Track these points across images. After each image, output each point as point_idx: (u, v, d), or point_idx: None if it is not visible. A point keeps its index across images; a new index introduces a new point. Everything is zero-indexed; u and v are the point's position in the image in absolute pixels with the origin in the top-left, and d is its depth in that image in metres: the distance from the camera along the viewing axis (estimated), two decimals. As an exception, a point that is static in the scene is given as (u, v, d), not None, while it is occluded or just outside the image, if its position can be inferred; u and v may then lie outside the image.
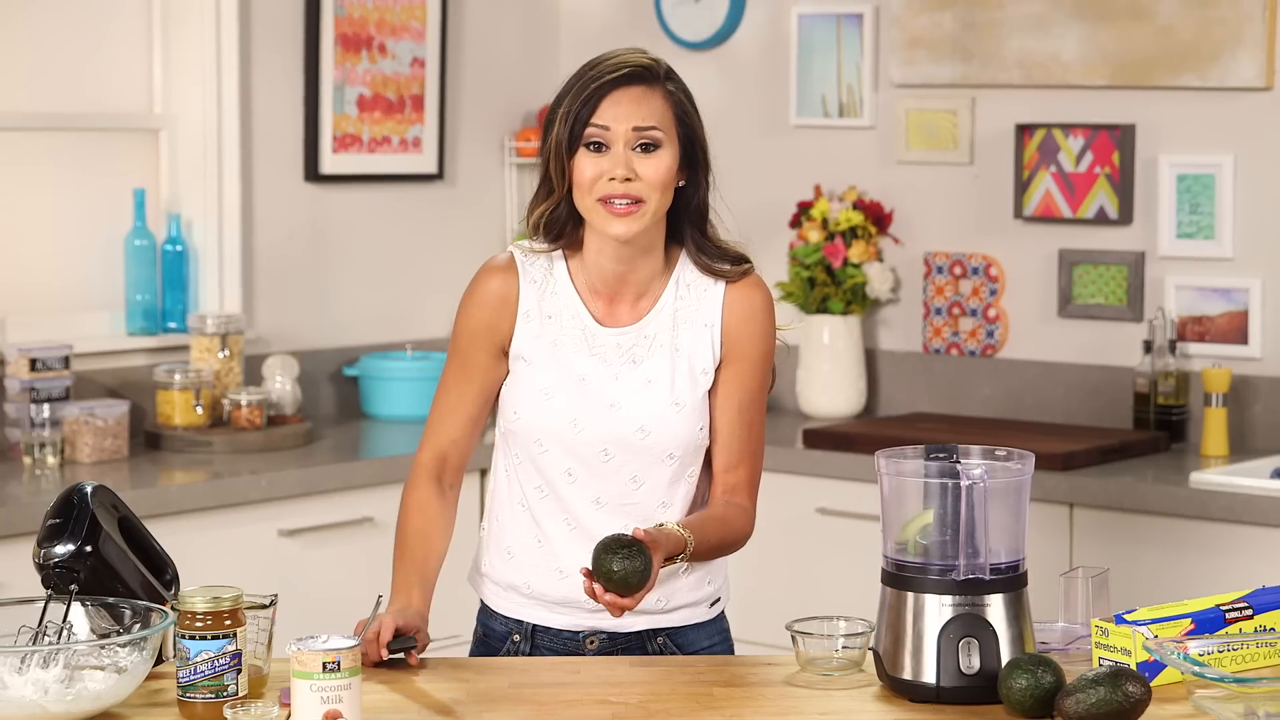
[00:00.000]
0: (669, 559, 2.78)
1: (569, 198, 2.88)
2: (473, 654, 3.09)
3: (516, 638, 3.02)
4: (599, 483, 2.94)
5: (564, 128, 2.83)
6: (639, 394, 2.92)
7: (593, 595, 2.69)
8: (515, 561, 2.99)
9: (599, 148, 2.83)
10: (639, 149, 2.83)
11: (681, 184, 2.90)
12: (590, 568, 2.68)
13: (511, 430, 2.96)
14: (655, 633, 2.99)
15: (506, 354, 2.96)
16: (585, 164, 2.83)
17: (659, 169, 2.84)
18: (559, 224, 2.92)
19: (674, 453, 2.93)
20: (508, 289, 2.95)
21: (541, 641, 3.00)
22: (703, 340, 2.94)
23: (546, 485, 2.96)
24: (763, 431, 2.99)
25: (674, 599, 2.98)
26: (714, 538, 2.88)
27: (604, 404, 2.92)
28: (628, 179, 2.82)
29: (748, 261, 2.97)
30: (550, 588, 2.97)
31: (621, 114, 2.82)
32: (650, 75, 2.86)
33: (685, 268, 2.96)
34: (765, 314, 2.96)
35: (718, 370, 2.95)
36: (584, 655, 2.98)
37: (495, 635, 3.04)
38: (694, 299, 2.95)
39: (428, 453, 2.99)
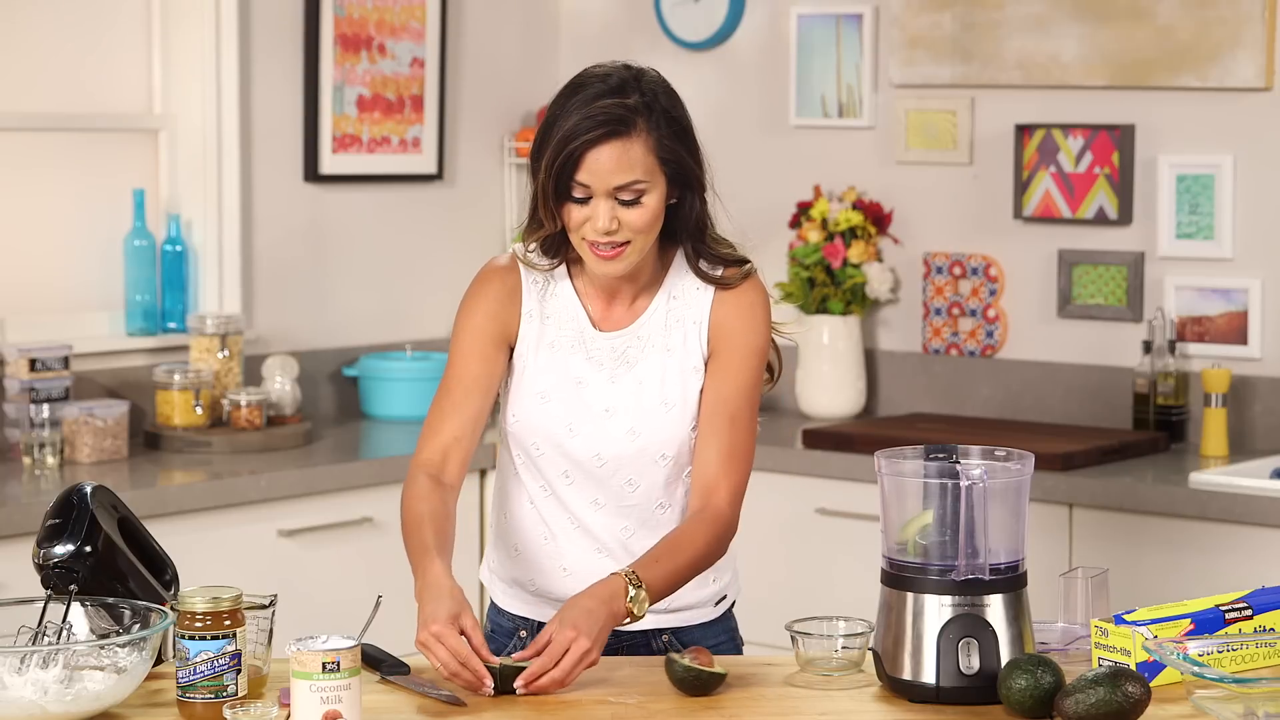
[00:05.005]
0: (625, 612, 2.73)
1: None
2: None
3: (523, 634, 3.03)
4: (595, 485, 2.95)
5: (548, 176, 2.82)
6: (631, 397, 2.93)
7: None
8: (521, 559, 3.00)
9: (583, 200, 2.83)
10: (621, 202, 2.83)
11: (673, 202, 2.89)
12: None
13: (511, 432, 2.97)
14: (660, 632, 3.00)
15: (510, 350, 2.96)
16: (571, 212, 2.84)
17: (643, 216, 2.84)
18: (556, 246, 2.94)
19: (666, 453, 2.94)
20: (513, 285, 2.96)
21: None
22: (691, 337, 2.95)
23: (548, 485, 2.97)
24: (751, 430, 2.94)
25: (677, 599, 2.97)
26: (669, 567, 2.80)
27: (599, 410, 2.93)
28: (611, 230, 2.83)
29: (747, 262, 2.97)
30: (554, 585, 2.97)
31: (601, 172, 2.80)
32: (626, 125, 2.81)
33: (681, 270, 2.97)
34: (755, 309, 2.95)
35: (706, 365, 2.95)
36: None
37: (502, 631, 3.06)
38: (687, 299, 2.96)
39: (428, 451, 2.93)
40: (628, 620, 2.74)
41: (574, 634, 2.64)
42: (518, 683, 2.63)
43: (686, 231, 2.93)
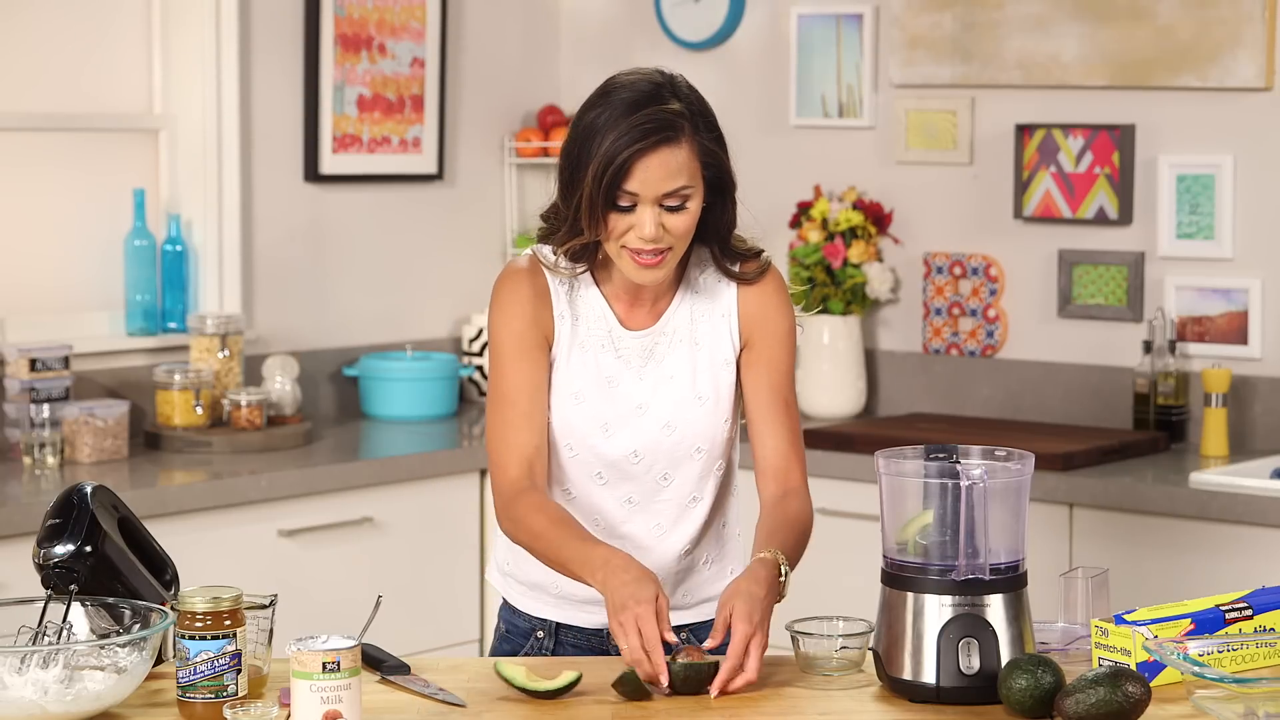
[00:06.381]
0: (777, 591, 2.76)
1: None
2: (494, 651, 3.08)
3: (540, 634, 3.02)
4: (629, 483, 2.95)
5: (596, 187, 2.79)
6: (662, 392, 2.93)
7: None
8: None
9: (628, 209, 2.81)
10: (666, 208, 2.82)
11: (705, 205, 2.88)
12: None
13: None
14: (679, 628, 2.98)
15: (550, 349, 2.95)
16: (615, 220, 2.81)
17: (686, 222, 2.83)
18: (587, 253, 2.91)
19: (701, 447, 2.95)
20: (541, 287, 2.93)
21: (566, 638, 3.00)
22: (721, 331, 2.95)
23: (575, 487, 2.96)
24: (797, 410, 2.98)
25: (696, 593, 3.00)
26: (794, 544, 2.85)
27: (632, 407, 2.92)
28: (656, 237, 2.81)
29: (763, 253, 2.99)
30: (578, 587, 2.95)
31: (651, 180, 2.79)
32: (675, 130, 2.81)
33: (701, 266, 2.97)
34: (779, 294, 2.98)
35: (741, 357, 2.96)
36: (609, 653, 2.97)
37: (518, 631, 3.04)
38: (710, 293, 2.96)
39: (515, 469, 2.88)
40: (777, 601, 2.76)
41: (751, 629, 2.65)
42: (714, 690, 2.61)
43: (716, 235, 2.93)
